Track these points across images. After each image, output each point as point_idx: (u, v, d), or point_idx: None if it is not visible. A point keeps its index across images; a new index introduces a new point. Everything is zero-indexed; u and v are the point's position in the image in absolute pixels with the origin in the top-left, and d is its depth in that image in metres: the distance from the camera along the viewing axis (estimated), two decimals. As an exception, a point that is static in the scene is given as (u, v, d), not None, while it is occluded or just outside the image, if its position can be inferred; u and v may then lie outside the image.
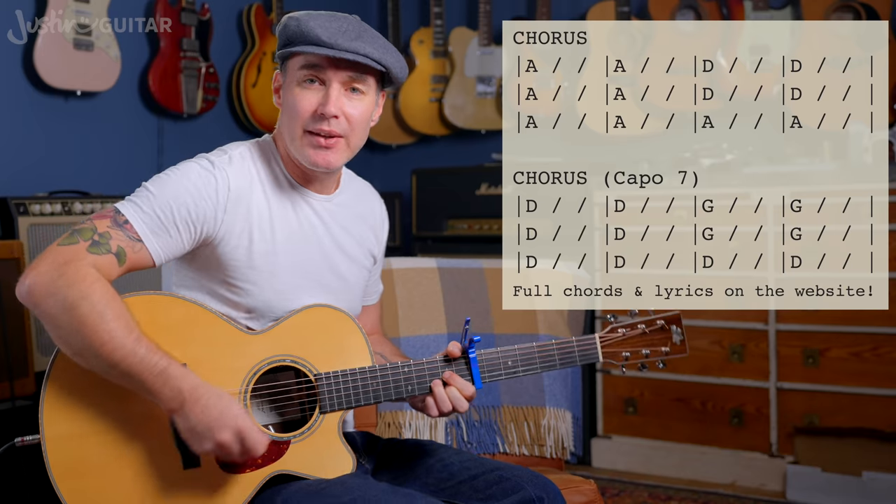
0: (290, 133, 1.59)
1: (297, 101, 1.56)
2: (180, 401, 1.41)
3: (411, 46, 4.26)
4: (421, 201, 3.99)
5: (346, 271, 1.70)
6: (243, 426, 1.42)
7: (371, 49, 1.55)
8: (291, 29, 1.56)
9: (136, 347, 1.39)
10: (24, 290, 1.42)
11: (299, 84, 1.57)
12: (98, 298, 1.39)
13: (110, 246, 1.46)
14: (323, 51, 1.52)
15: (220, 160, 1.58)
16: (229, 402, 1.43)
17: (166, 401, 1.42)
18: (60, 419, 1.44)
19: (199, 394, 1.41)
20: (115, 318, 1.39)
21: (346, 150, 1.60)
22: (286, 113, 1.60)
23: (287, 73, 1.61)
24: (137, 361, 1.39)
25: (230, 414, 1.42)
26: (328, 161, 1.58)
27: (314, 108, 1.55)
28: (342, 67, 1.55)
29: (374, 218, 1.81)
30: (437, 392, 1.58)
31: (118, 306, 1.41)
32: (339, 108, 1.55)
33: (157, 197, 1.51)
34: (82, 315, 1.38)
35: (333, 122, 1.56)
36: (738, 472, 3.37)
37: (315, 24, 1.53)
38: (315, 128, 1.56)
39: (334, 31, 1.53)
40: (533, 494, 1.54)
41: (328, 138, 1.56)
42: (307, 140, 1.57)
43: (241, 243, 1.56)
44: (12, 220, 2.88)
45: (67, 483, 1.43)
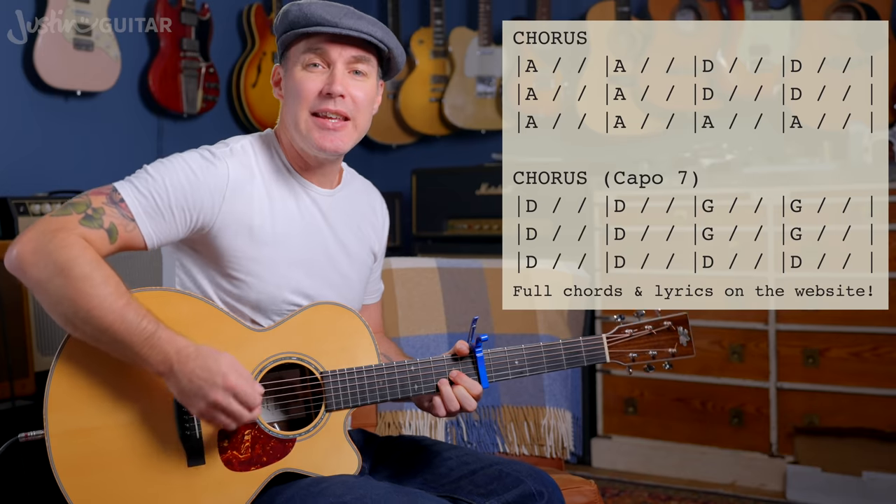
0: (293, 118, 1.59)
1: (302, 84, 1.57)
2: (168, 364, 1.41)
3: (411, 46, 4.25)
4: (421, 201, 3.99)
5: (347, 266, 1.70)
6: (234, 383, 1.41)
7: (374, 29, 1.57)
8: (293, 14, 1.57)
9: (124, 312, 1.39)
10: (12, 257, 1.42)
11: (304, 67, 1.58)
12: (86, 262, 1.40)
13: (103, 221, 1.46)
14: (328, 29, 1.53)
15: (221, 151, 1.59)
16: (216, 360, 1.42)
17: (155, 364, 1.41)
18: (65, 415, 1.44)
19: (185, 355, 1.41)
20: (104, 281, 1.40)
21: (353, 133, 1.60)
22: (290, 98, 1.60)
23: (288, 61, 1.61)
24: (126, 327, 1.39)
25: (218, 372, 1.41)
26: (336, 144, 1.58)
27: (319, 89, 1.56)
28: (347, 45, 1.56)
29: (375, 215, 1.81)
30: (445, 391, 1.58)
31: (107, 271, 1.41)
32: (345, 87, 1.56)
33: (155, 180, 1.51)
34: (71, 279, 1.38)
35: (339, 101, 1.56)
36: (738, 472, 3.37)
37: (317, 7, 1.55)
38: (321, 108, 1.56)
39: (335, 12, 1.55)
40: (532, 489, 1.55)
41: (335, 120, 1.57)
42: (314, 123, 1.57)
43: (241, 233, 1.56)
44: (12, 220, 2.88)
45: (71, 479, 1.43)
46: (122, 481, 1.45)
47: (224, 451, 1.50)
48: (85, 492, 1.44)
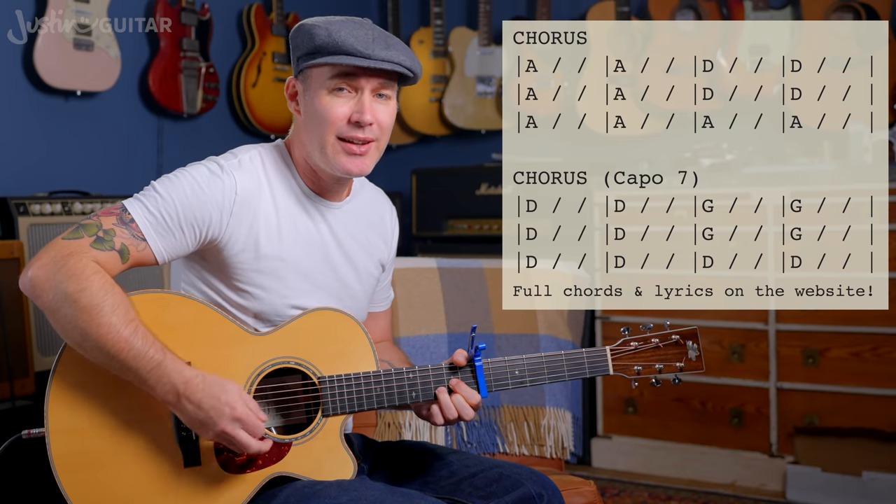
0: (318, 141, 1.58)
1: (329, 110, 1.56)
2: (175, 395, 1.43)
3: (411, 46, 4.25)
4: (421, 201, 4.00)
5: (352, 280, 1.71)
6: (241, 414, 1.43)
7: (403, 57, 1.57)
8: (321, 38, 1.54)
9: (132, 340, 1.41)
10: (26, 282, 1.45)
11: (330, 92, 1.56)
12: (96, 290, 1.41)
13: (114, 243, 1.48)
14: (362, 62, 1.53)
15: (229, 164, 1.58)
16: (222, 392, 1.44)
17: (162, 394, 1.44)
18: (65, 413, 1.46)
19: (192, 388, 1.43)
20: (113, 309, 1.41)
21: (376, 154, 1.61)
22: (313, 121, 1.58)
23: (310, 80, 1.59)
24: (133, 355, 1.41)
25: (226, 402, 1.43)
26: (362, 168, 1.59)
27: (348, 116, 1.56)
28: (375, 75, 1.56)
29: (383, 225, 1.81)
30: (443, 399, 1.58)
31: (116, 298, 1.43)
32: (373, 114, 1.57)
33: (164, 198, 1.52)
34: (80, 307, 1.40)
35: (368, 129, 1.57)
36: (738, 472, 3.37)
37: (347, 34, 1.53)
38: (349, 135, 1.56)
39: (366, 40, 1.53)
40: (532, 491, 1.55)
41: (361, 145, 1.57)
42: (340, 147, 1.57)
43: (248, 246, 1.57)
44: (12, 220, 2.88)
45: (69, 476, 1.45)
46: (120, 480, 1.46)
47: (220, 454, 1.51)
48: (82, 489, 1.45)
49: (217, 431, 1.44)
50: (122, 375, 1.44)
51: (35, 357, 2.79)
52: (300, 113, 1.63)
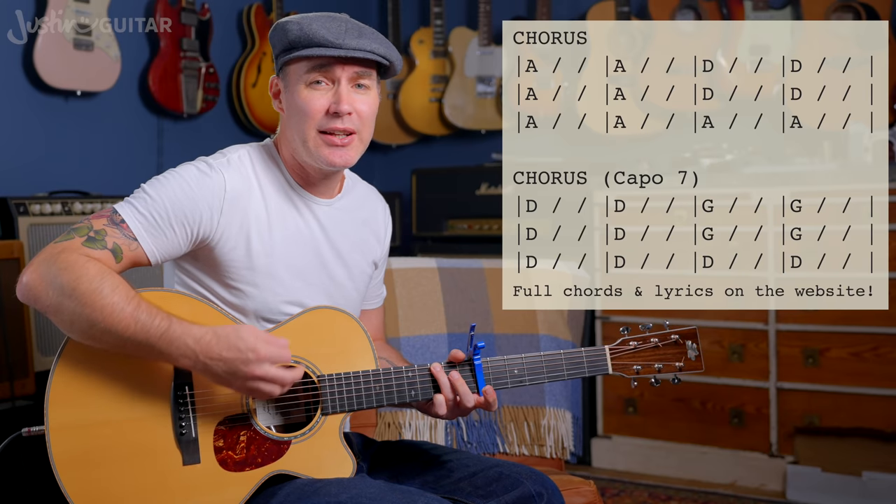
0: (300, 136, 1.59)
1: (308, 103, 1.57)
2: (192, 356, 1.43)
3: (411, 46, 4.26)
4: (421, 201, 3.99)
5: (344, 277, 1.71)
6: (265, 353, 1.43)
7: (376, 45, 1.57)
8: (294, 33, 1.56)
9: (136, 314, 1.42)
10: (22, 288, 1.45)
11: (307, 86, 1.57)
12: (93, 276, 1.42)
13: (106, 242, 1.48)
14: (333, 51, 1.54)
15: (217, 163, 1.59)
16: (238, 339, 1.43)
17: (178, 358, 1.44)
18: (65, 410, 1.46)
19: (206, 342, 1.43)
20: (113, 290, 1.42)
21: (359, 146, 1.62)
22: (294, 116, 1.60)
23: (289, 77, 1.61)
24: (140, 328, 1.41)
25: (246, 347, 1.42)
26: (345, 159, 1.59)
27: (326, 107, 1.57)
28: (350, 63, 1.57)
29: (376, 223, 1.81)
30: (442, 380, 1.57)
31: (114, 279, 1.44)
32: (351, 103, 1.57)
33: (153, 199, 1.53)
34: (80, 294, 1.41)
35: (347, 118, 1.57)
36: (738, 472, 3.37)
37: (318, 26, 1.54)
38: (329, 126, 1.57)
39: (338, 31, 1.55)
40: (532, 490, 1.55)
41: (343, 136, 1.58)
42: (321, 140, 1.58)
43: (239, 245, 1.58)
44: (12, 220, 2.88)
45: (68, 473, 1.45)
46: (119, 478, 1.46)
47: (219, 452, 1.51)
48: (82, 487, 1.45)
49: (249, 377, 1.42)
50: (137, 353, 1.44)
51: (35, 357, 2.79)
52: (283, 110, 1.64)
